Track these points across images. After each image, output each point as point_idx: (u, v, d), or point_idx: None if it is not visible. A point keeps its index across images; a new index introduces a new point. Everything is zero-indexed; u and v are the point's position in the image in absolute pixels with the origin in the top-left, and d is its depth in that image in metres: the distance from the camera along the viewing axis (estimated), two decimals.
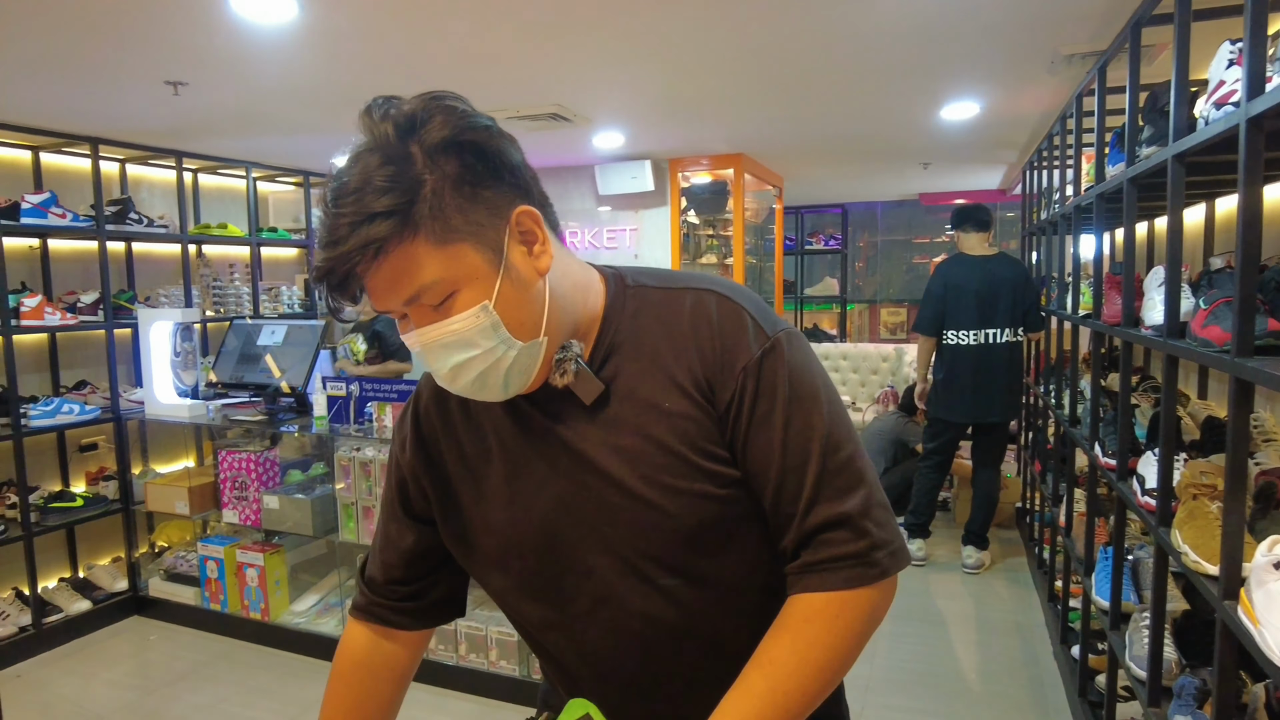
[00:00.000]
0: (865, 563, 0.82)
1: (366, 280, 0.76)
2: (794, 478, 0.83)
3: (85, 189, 4.06)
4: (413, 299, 0.77)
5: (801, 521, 0.83)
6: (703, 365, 0.85)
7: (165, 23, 2.29)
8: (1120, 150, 2.48)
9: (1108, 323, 2.59)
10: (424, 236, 0.74)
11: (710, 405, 0.85)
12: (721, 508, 0.85)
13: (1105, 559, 2.63)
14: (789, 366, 0.85)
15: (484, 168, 0.78)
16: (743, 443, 0.84)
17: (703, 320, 0.86)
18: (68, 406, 3.86)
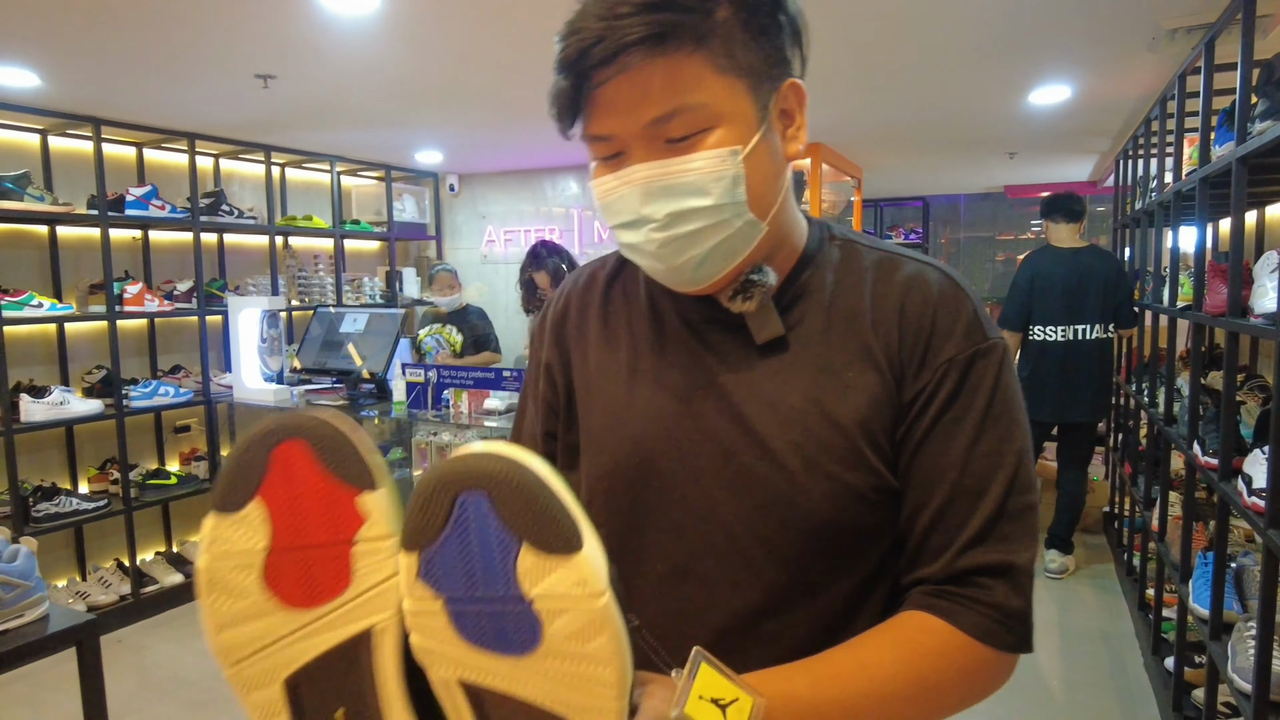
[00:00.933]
0: (1007, 625, 0.70)
1: (623, 80, 0.66)
2: (965, 503, 0.71)
3: (182, 183, 4.25)
4: (662, 119, 0.67)
5: (956, 557, 0.71)
6: (903, 343, 0.74)
7: (255, 15, 2.37)
8: (1229, 129, 2.33)
9: (1210, 313, 2.44)
10: (705, 55, 0.67)
11: (898, 392, 0.74)
12: (863, 511, 0.74)
13: (1204, 565, 2.48)
14: (999, 379, 0.73)
15: (775, 20, 0.70)
16: (918, 442, 0.73)
17: (918, 293, 0.76)
18: (164, 389, 4.06)
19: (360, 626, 0.49)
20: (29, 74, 2.94)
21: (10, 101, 3.34)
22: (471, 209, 5.91)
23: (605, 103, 0.68)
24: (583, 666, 0.47)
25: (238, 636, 0.50)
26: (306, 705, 0.50)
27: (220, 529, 0.51)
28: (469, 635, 0.47)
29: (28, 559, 1.39)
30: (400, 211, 5.48)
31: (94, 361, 4.01)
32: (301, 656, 0.50)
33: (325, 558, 0.49)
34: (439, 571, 0.47)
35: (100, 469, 4.01)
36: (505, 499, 0.46)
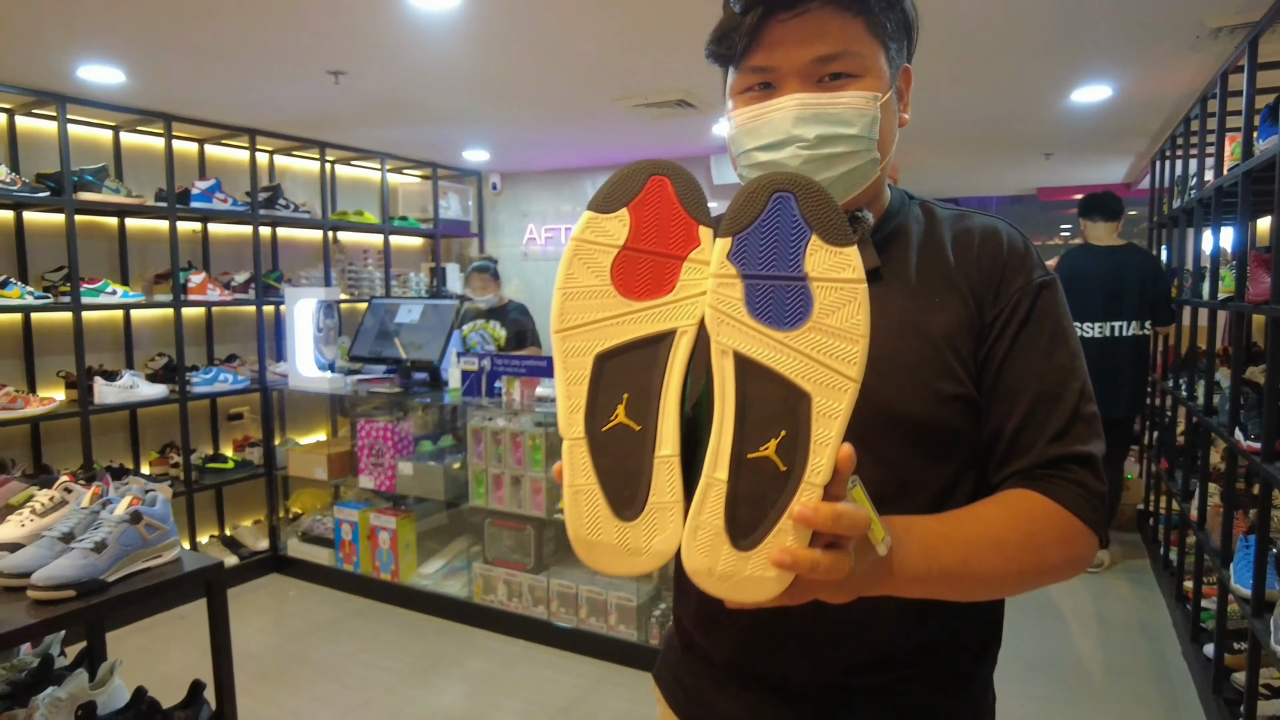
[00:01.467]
0: (1092, 502, 0.81)
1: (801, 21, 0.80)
2: (1047, 407, 0.83)
3: (238, 178, 4.42)
4: (828, 58, 0.81)
5: (1046, 448, 0.82)
6: (981, 276, 0.87)
7: (338, 13, 2.51)
8: (1272, 124, 2.41)
9: (1253, 302, 2.51)
10: (866, 21, 0.82)
11: (978, 315, 0.86)
12: (950, 414, 0.85)
13: (1246, 548, 2.55)
14: (1061, 307, 0.88)
15: (905, 16, 0.87)
16: (1001, 358, 0.85)
17: (991, 238, 0.90)
18: (223, 376, 4.21)
19: (669, 325, 0.61)
20: (116, 71, 3.11)
21: (93, 98, 3.51)
22: (513, 207, 6.05)
23: (779, 38, 0.81)
24: (836, 341, 0.58)
25: (578, 306, 0.62)
26: (604, 382, 0.62)
27: (596, 220, 0.63)
28: (754, 309, 0.59)
29: (164, 504, 1.52)
30: (445, 209, 5.63)
31: (156, 349, 4.17)
32: (617, 337, 0.62)
33: (661, 264, 0.62)
34: (745, 252, 0.60)
35: (160, 453, 4.16)
36: (808, 199, 0.59)
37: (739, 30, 0.82)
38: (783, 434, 0.58)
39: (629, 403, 0.61)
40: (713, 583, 0.59)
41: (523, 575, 3.46)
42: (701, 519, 0.59)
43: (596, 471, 0.61)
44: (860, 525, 0.59)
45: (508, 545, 3.55)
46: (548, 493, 3.37)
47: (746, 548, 0.59)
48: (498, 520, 3.56)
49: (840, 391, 0.58)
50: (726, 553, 0.59)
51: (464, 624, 3.64)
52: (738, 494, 0.59)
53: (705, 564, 0.59)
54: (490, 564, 3.58)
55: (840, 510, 0.58)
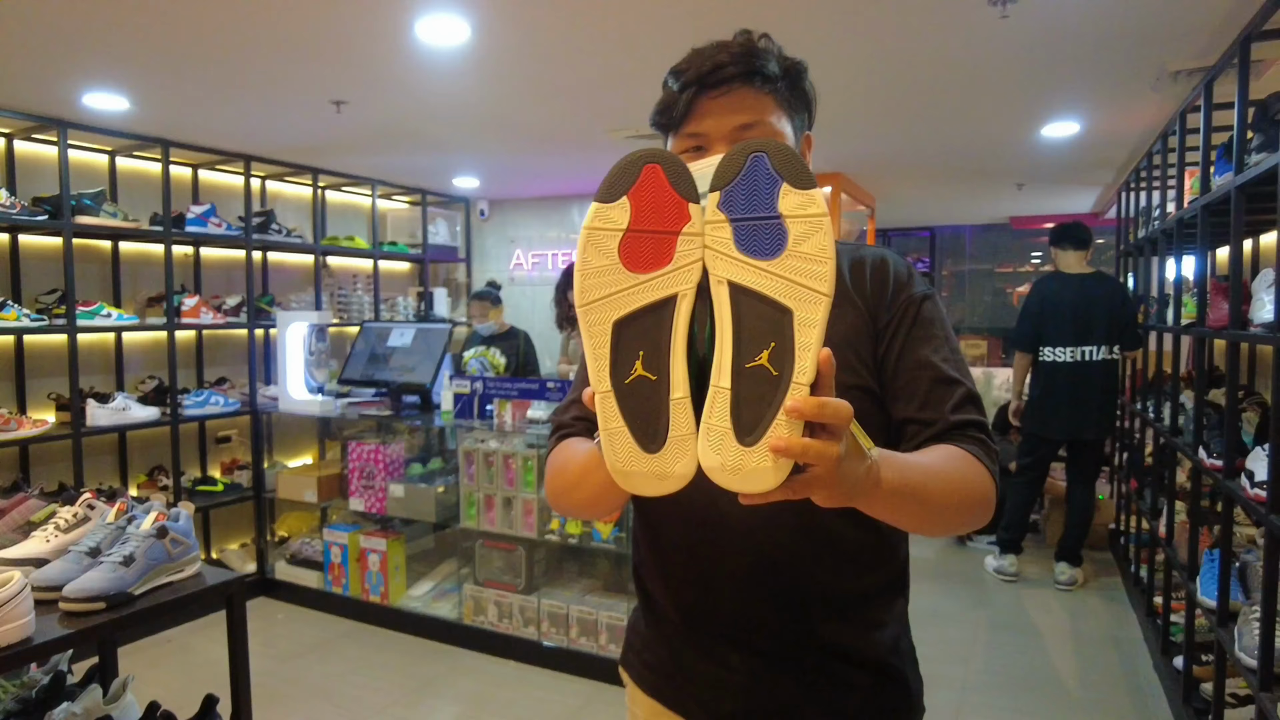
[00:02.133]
0: (992, 457, 0.99)
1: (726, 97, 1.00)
2: (944, 389, 1.01)
3: (233, 202, 4.48)
4: (746, 126, 1.01)
5: (950, 416, 1.00)
6: (873, 292, 1.06)
7: (347, 47, 2.61)
8: (1227, 161, 2.57)
9: (1213, 327, 2.66)
10: (775, 98, 1.03)
11: (872, 321, 1.04)
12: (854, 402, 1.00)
13: (1211, 561, 2.67)
14: (942, 314, 1.07)
15: (804, 96, 1.08)
16: (898, 354, 1.03)
17: (880, 264, 1.09)
18: (215, 398, 4.25)
19: (670, 291, 0.73)
20: (121, 99, 3.18)
21: (95, 125, 3.57)
22: (501, 233, 6.14)
23: (708, 110, 1.02)
24: (808, 264, 0.70)
25: (594, 284, 0.74)
26: (623, 343, 0.74)
27: (602, 210, 0.75)
28: (741, 244, 0.72)
29: (187, 520, 1.58)
30: (434, 235, 5.72)
31: (146, 371, 4.20)
32: (629, 305, 0.73)
33: (660, 240, 0.74)
34: (731, 201, 0.73)
35: (149, 475, 4.18)
36: (777, 156, 0.72)
37: (677, 105, 1.03)
38: (772, 345, 0.70)
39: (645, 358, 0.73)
40: (725, 476, 0.70)
41: (513, 596, 3.51)
42: (711, 422, 0.70)
43: (624, 416, 0.72)
44: (843, 414, 0.69)
45: (498, 566, 3.61)
46: (539, 513, 3.43)
47: (750, 443, 0.69)
48: (488, 541, 3.61)
49: (815, 304, 0.69)
50: (733, 448, 0.69)
51: (454, 645, 3.67)
52: (739, 398, 0.70)
53: (717, 460, 0.70)
54: (481, 585, 3.62)
55: (823, 401, 0.68)
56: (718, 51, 1.02)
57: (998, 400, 5.98)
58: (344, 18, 2.37)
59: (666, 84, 1.06)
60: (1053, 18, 2.43)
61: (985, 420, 1.02)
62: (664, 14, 2.35)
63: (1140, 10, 2.40)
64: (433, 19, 2.35)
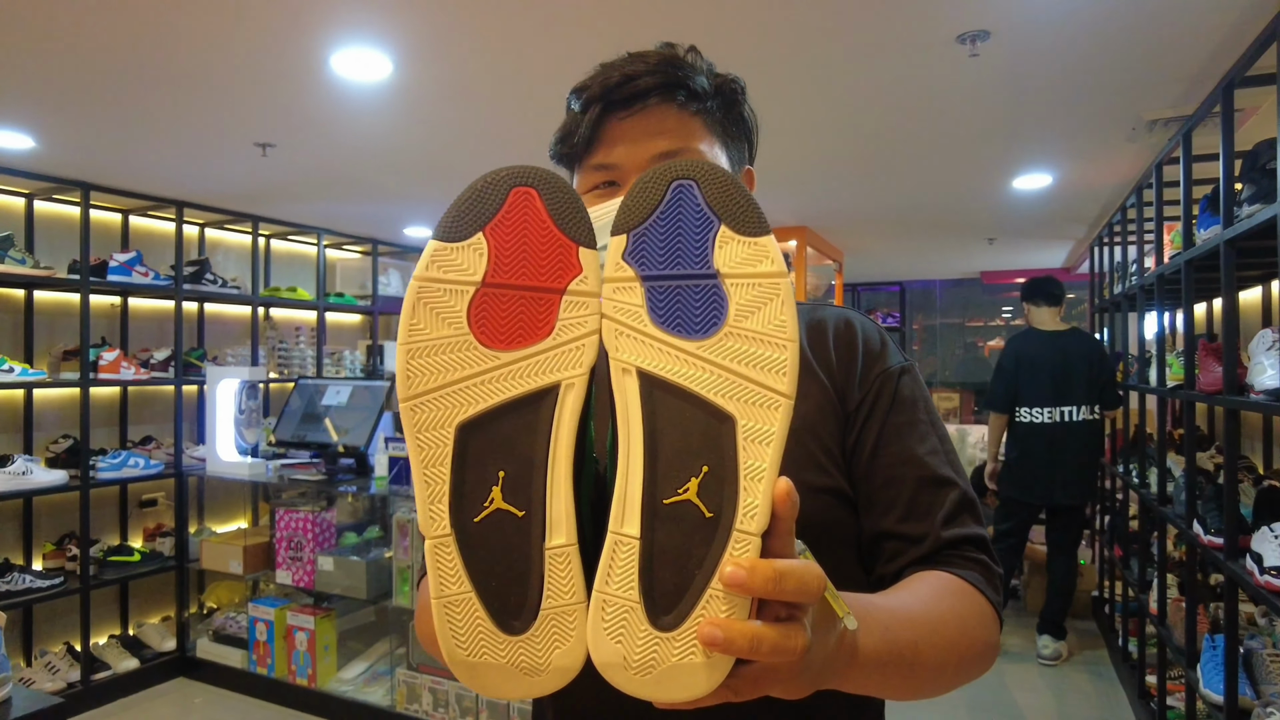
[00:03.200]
0: (995, 587, 0.77)
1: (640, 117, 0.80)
2: (930, 493, 0.79)
3: (165, 250, 4.21)
4: (668, 154, 0.80)
5: (941, 532, 0.78)
6: (839, 365, 0.84)
7: (263, 84, 2.39)
8: (1212, 214, 2.40)
9: (1205, 391, 2.46)
10: (703, 120, 0.83)
11: (840, 404, 0.82)
12: (820, 509, 0.79)
13: (1212, 649, 2.43)
14: (923, 391, 0.86)
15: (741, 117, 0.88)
16: (872, 447, 0.81)
17: (845, 328, 0.87)
18: (134, 460, 3.91)
19: (551, 379, 0.49)
20: (24, 137, 2.92)
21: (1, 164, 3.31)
22: None
23: (620, 135, 0.81)
24: (759, 348, 0.48)
25: (428, 365, 0.49)
26: (471, 458, 0.49)
27: (444, 251, 0.51)
28: (658, 316, 0.49)
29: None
30: (385, 285, 5.47)
31: (60, 430, 3.86)
32: (485, 400, 0.49)
33: (534, 301, 0.50)
34: (644, 250, 0.50)
35: (57, 545, 3.81)
36: (711, 186, 0.50)
37: (579, 130, 0.82)
38: (704, 470, 0.47)
39: (506, 482, 0.48)
40: (629, 677, 0.46)
41: (449, 683, 3.17)
42: (609, 591, 0.46)
43: (470, 575, 0.48)
44: (812, 587, 0.46)
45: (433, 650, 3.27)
46: None
47: (670, 625, 0.46)
48: None
49: (770, 409, 0.47)
50: (644, 634, 0.46)
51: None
52: (654, 553, 0.47)
53: (617, 652, 0.46)
54: (415, 669, 3.29)
55: (783, 567, 0.45)
56: (631, 62, 0.82)
57: (973, 459, 5.77)
58: (256, 52, 2.15)
59: (569, 105, 0.85)
60: (1024, 59, 2.27)
61: (985, 532, 0.80)
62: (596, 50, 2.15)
63: (1116, 55, 2.25)
64: (350, 52, 2.13)
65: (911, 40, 2.12)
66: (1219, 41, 2.15)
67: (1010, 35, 2.08)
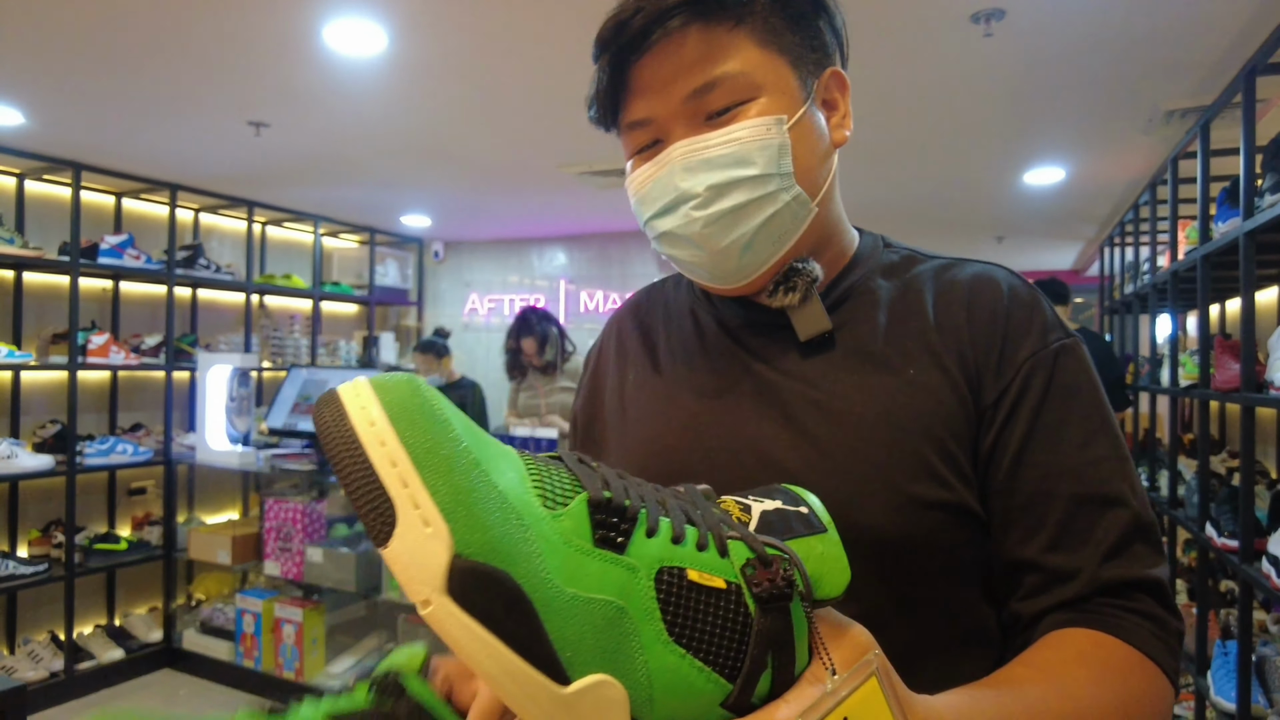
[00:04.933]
0: (1169, 645, 0.59)
1: (660, 53, 0.64)
2: (1090, 515, 0.61)
3: (159, 234, 4.15)
4: (702, 90, 0.64)
5: (1100, 569, 0.60)
6: (974, 341, 0.66)
7: (254, 57, 2.32)
8: (1230, 207, 2.33)
9: (1221, 389, 2.39)
10: (749, 29, 0.65)
11: (972, 395, 0.65)
12: (930, 528, 0.63)
13: (1223, 655, 2.36)
14: (1090, 377, 0.66)
15: (812, 7, 0.69)
16: (1015, 453, 0.63)
17: (987, 292, 0.68)
18: (122, 446, 3.84)
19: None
20: (13, 111, 2.85)
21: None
22: (456, 276, 5.84)
23: (643, 83, 0.66)
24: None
25: None
26: None
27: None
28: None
29: None
30: (382, 275, 5.40)
31: (49, 415, 3.79)
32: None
33: None
34: None
35: (43, 531, 3.74)
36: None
37: (600, 88, 0.69)
38: None
39: None
40: None
41: None
42: None
43: None
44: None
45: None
46: None
47: None
48: (412, 616, 3.21)
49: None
50: None
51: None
52: None
53: None
54: None
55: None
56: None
57: None
58: (247, 22, 2.08)
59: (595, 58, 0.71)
60: (1039, 42, 2.19)
61: (1162, 572, 0.61)
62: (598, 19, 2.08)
63: (1133, 39, 2.18)
64: (343, 23, 2.06)
65: (924, 18, 2.04)
66: (1241, 26, 2.08)
67: (1026, 14, 2.00)
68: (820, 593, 0.39)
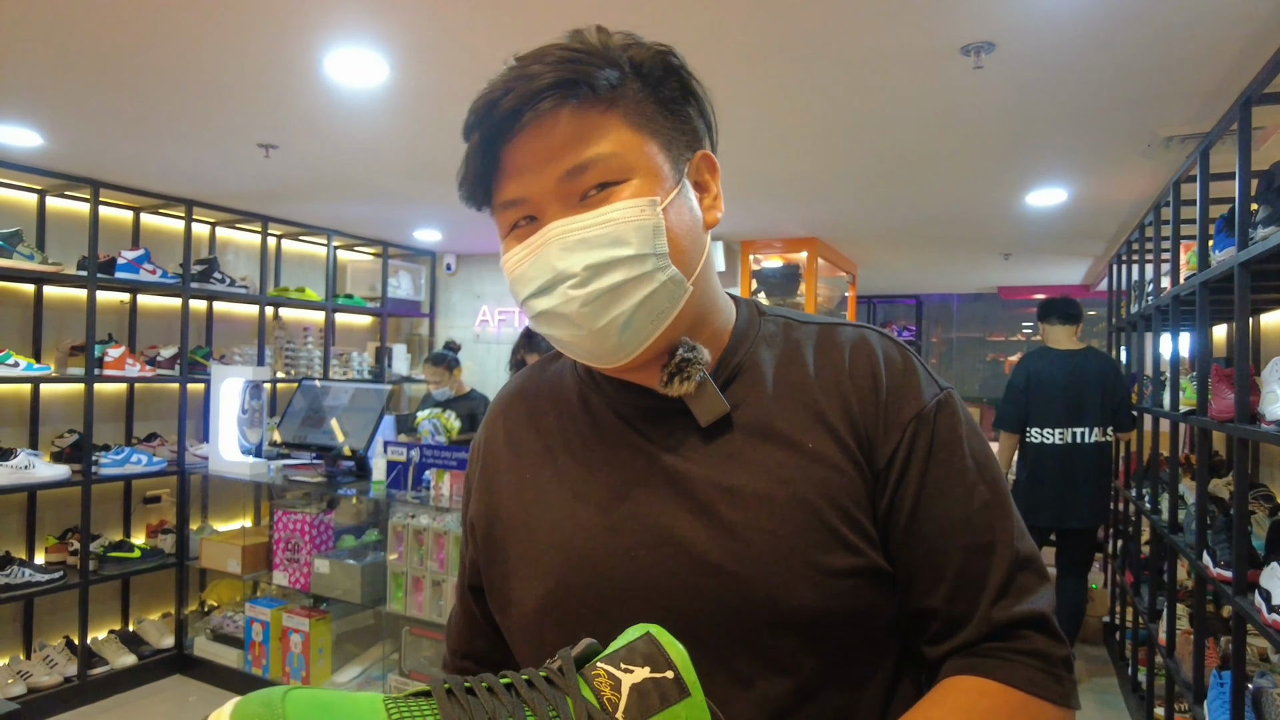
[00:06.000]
0: (1056, 675, 0.65)
1: (534, 133, 0.65)
2: (980, 560, 0.67)
3: (175, 248, 4.24)
4: (576, 170, 0.66)
5: (990, 612, 0.66)
6: (860, 407, 0.70)
7: (262, 85, 2.38)
8: (1228, 235, 2.33)
9: (1217, 418, 2.38)
10: (621, 112, 0.67)
11: (865, 460, 0.69)
12: (850, 597, 0.67)
13: (1220, 686, 2.35)
14: (967, 425, 0.71)
15: (681, 93, 0.72)
16: (909, 512, 0.68)
17: (864, 357, 0.72)
18: (137, 457, 3.92)
19: None
20: (32, 134, 2.94)
21: (11, 160, 3.33)
22: (467, 288, 5.90)
23: (516, 163, 0.67)
24: None
25: None
26: None
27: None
28: None
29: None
30: (395, 288, 5.47)
31: (66, 425, 3.89)
32: None
33: None
34: None
35: (60, 539, 3.83)
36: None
37: (471, 168, 0.70)
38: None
39: None
40: None
41: None
42: None
43: None
44: None
45: (427, 656, 3.25)
46: None
47: None
48: (416, 629, 3.26)
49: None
50: None
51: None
52: None
53: None
54: (407, 676, 3.26)
55: None
56: (511, 71, 0.67)
57: None
58: (254, 54, 2.14)
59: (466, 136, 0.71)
60: (1031, 72, 2.21)
61: (1043, 606, 0.67)
62: None
63: (1127, 69, 2.19)
64: (344, 53, 2.12)
65: (915, 51, 2.07)
66: (1236, 56, 2.08)
67: (1015, 47, 2.02)
68: None
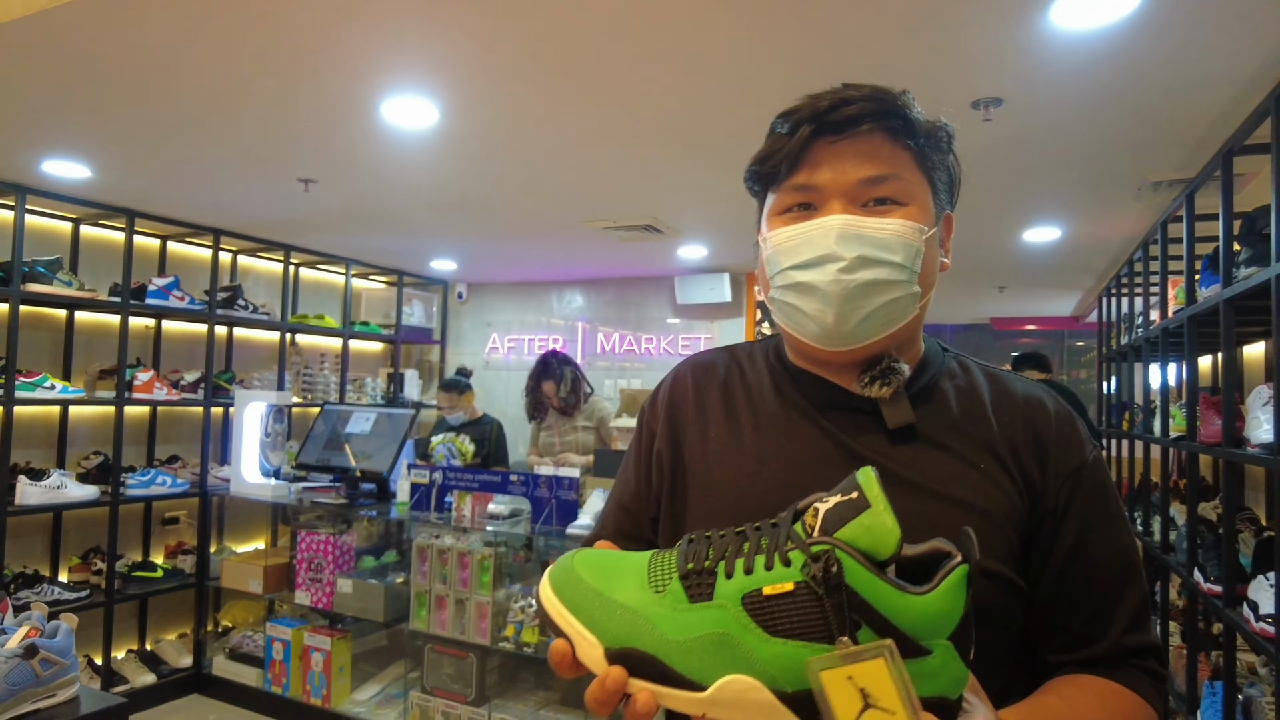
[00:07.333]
0: (1161, 692, 0.78)
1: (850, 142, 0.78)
2: (1116, 596, 0.79)
3: (199, 275, 4.37)
4: (875, 180, 0.78)
5: (1122, 638, 0.78)
6: (1030, 450, 0.81)
7: (312, 124, 2.53)
8: (1212, 273, 2.51)
9: (1205, 443, 2.55)
10: (914, 153, 0.81)
11: (1029, 497, 0.79)
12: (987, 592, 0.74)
13: (1212, 696, 2.49)
14: (1110, 481, 0.84)
15: (947, 157, 0.86)
16: (1065, 556, 0.79)
17: (1038, 406, 0.83)
18: (161, 478, 4.02)
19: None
20: (82, 167, 3.08)
21: (55, 191, 3.47)
22: (477, 316, 6.05)
23: (825, 158, 0.80)
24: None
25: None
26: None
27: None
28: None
29: (67, 636, 1.37)
30: (408, 315, 5.60)
31: (92, 447, 3.98)
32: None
33: None
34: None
35: (82, 558, 3.91)
36: None
37: (784, 150, 0.81)
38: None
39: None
40: None
41: (463, 707, 3.24)
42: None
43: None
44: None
45: (448, 674, 3.34)
46: (493, 618, 3.20)
47: None
48: (438, 646, 3.35)
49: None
50: None
51: None
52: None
53: None
54: (429, 693, 3.35)
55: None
56: (844, 90, 0.81)
57: None
58: (311, 98, 2.30)
59: (773, 129, 0.84)
60: (1034, 125, 2.39)
61: (1156, 639, 0.82)
62: (633, 102, 2.29)
63: (1121, 123, 2.38)
64: (399, 100, 2.28)
65: (930, 105, 2.23)
66: (1219, 112, 2.27)
67: (1022, 102, 2.21)
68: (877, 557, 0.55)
